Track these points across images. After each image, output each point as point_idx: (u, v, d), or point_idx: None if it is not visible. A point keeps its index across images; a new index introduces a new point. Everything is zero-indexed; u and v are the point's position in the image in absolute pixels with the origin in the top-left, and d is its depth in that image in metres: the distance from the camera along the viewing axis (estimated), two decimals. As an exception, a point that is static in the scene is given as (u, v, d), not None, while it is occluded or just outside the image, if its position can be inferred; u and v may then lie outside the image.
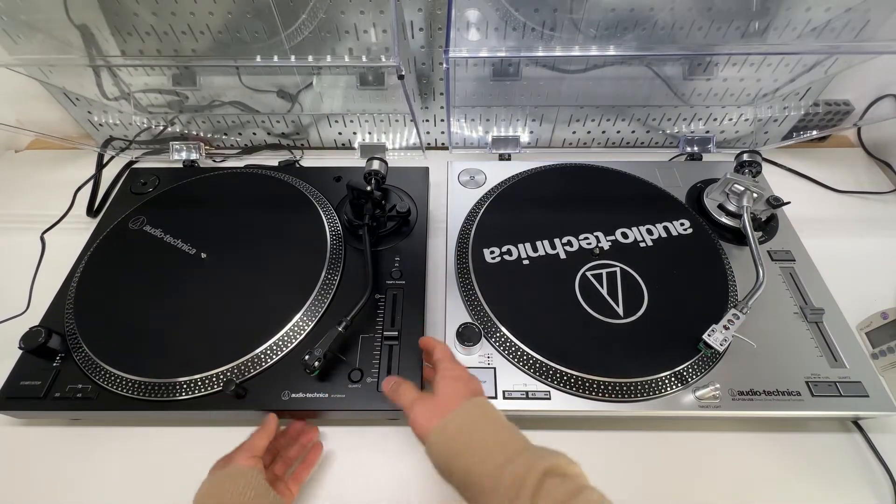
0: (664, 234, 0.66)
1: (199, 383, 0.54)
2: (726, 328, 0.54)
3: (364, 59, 0.72)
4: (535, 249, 0.64)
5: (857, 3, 0.65)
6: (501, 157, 0.83)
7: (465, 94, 0.80)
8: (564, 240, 0.65)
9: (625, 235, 0.66)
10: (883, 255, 0.73)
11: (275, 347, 0.56)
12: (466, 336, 0.55)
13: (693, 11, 0.67)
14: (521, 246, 0.64)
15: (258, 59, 0.64)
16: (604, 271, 0.62)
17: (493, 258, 0.63)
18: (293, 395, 0.54)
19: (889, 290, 0.69)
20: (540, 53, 0.70)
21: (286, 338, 0.57)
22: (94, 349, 0.57)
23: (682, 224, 0.67)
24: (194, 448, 0.56)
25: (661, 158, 0.85)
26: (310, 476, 0.53)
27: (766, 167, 0.76)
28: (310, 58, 0.67)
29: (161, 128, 0.87)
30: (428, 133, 0.91)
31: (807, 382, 0.53)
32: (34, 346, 0.55)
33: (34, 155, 0.94)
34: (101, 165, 0.84)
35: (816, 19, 0.67)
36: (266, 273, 0.63)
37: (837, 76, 0.78)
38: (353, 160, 0.85)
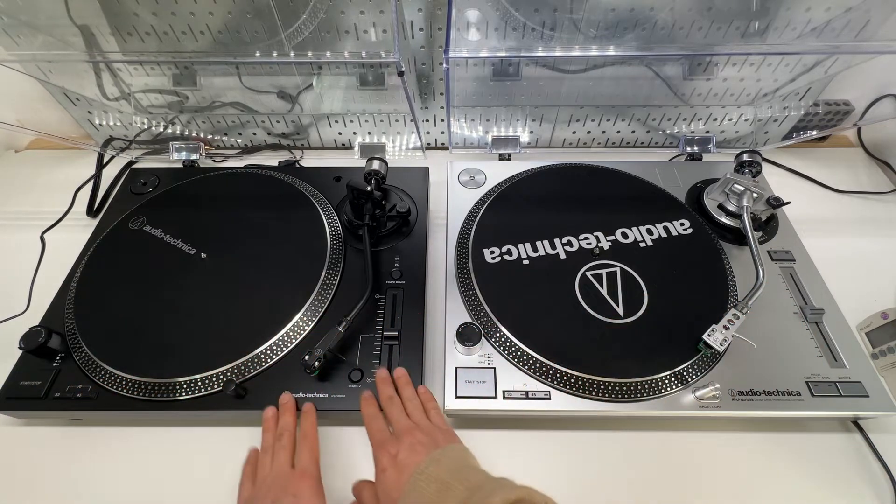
0: (664, 234, 0.66)
1: (199, 383, 0.54)
2: (726, 328, 0.54)
3: (364, 54, 0.72)
4: (535, 249, 0.64)
5: (857, 3, 0.65)
6: (501, 157, 0.83)
7: (465, 94, 0.80)
8: (564, 240, 0.65)
9: (625, 235, 0.66)
10: (883, 255, 0.73)
11: (275, 347, 0.56)
12: (466, 336, 0.55)
13: (693, 11, 0.67)
14: (521, 246, 0.64)
15: (257, 55, 0.64)
16: (604, 271, 0.62)
17: (493, 258, 0.63)
18: (293, 396, 0.54)
19: (889, 290, 0.69)
20: (540, 53, 0.70)
21: (286, 338, 0.57)
22: (94, 349, 0.57)
23: (682, 224, 0.67)
24: (194, 448, 0.56)
25: (661, 158, 0.85)
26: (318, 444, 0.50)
27: (766, 167, 0.76)
28: (309, 54, 0.67)
29: (161, 128, 0.87)
30: (428, 133, 0.91)
31: (807, 382, 0.53)
32: (34, 346, 0.55)
33: (34, 155, 0.94)
34: (101, 165, 0.84)
35: (816, 19, 0.67)
36: (266, 273, 0.63)
37: (837, 76, 0.78)
38: (353, 160, 0.85)
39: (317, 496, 0.45)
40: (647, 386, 0.53)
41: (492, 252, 0.64)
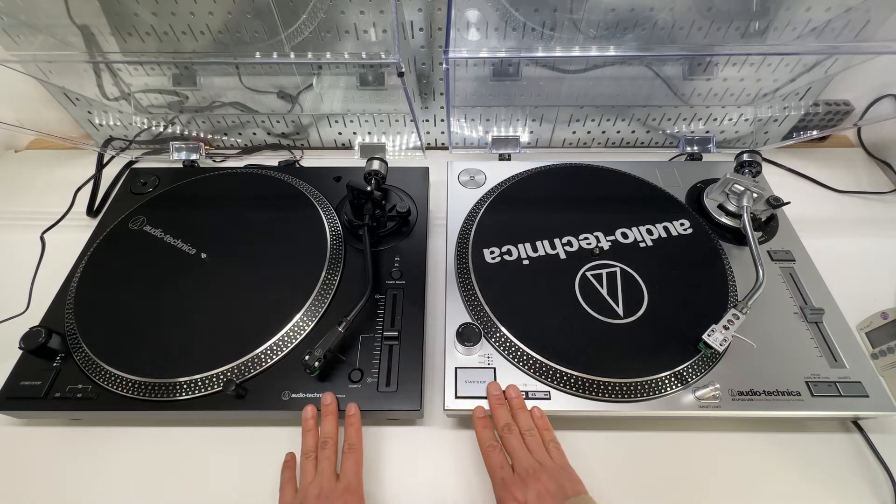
0: (664, 234, 0.66)
1: (199, 383, 0.54)
2: (726, 328, 0.54)
3: (364, 55, 0.72)
4: (535, 249, 0.64)
5: (857, 3, 0.65)
6: (501, 157, 0.83)
7: (465, 94, 0.80)
8: (564, 240, 0.65)
9: (625, 235, 0.66)
10: (883, 255, 0.73)
11: (275, 347, 0.56)
12: (466, 336, 0.55)
13: (693, 11, 0.67)
14: (521, 246, 0.64)
15: (257, 55, 0.64)
16: (604, 271, 0.62)
17: (493, 258, 0.63)
18: (293, 395, 0.54)
19: (889, 290, 0.69)
20: (540, 54, 0.70)
21: (286, 338, 0.57)
22: (94, 349, 0.57)
23: (682, 224, 0.67)
24: (194, 448, 0.56)
25: (661, 158, 0.85)
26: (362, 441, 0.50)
27: (766, 167, 0.76)
28: (309, 54, 0.67)
29: (161, 128, 0.87)
30: (428, 133, 0.91)
31: (807, 382, 0.53)
32: (34, 346, 0.55)
33: (34, 155, 0.94)
34: (101, 165, 0.84)
35: (816, 19, 0.67)
36: (266, 273, 0.63)
37: (837, 76, 0.78)
38: (353, 160, 0.85)
39: None
40: (647, 386, 0.53)
41: (492, 252, 0.64)
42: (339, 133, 0.90)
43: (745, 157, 0.71)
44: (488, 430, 0.50)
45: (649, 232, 0.66)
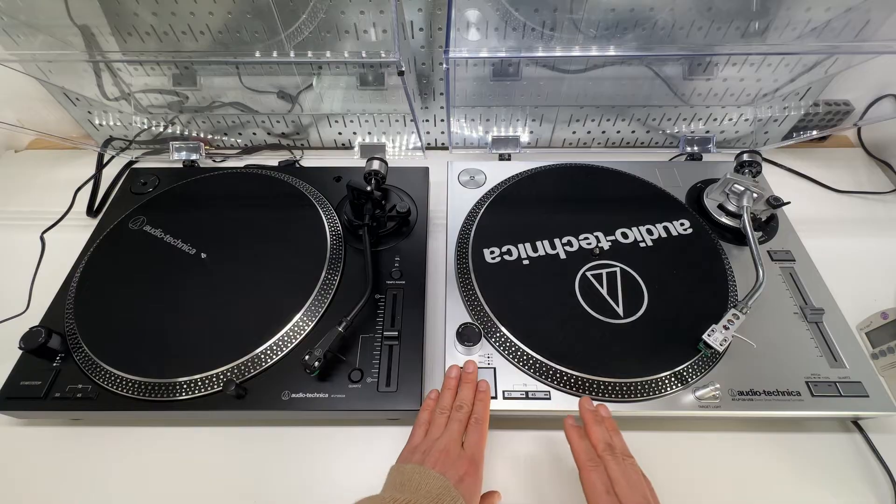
0: (664, 234, 0.66)
1: (199, 383, 0.54)
2: (726, 328, 0.54)
3: (364, 54, 0.72)
4: (535, 249, 0.64)
5: (857, 3, 0.65)
6: (501, 157, 0.83)
7: (465, 94, 0.80)
8: (564, 240, 0.65)
9: (625, 235, 0.66)
10: (883, 255, 0.73)
11: (275, 347, 0.56)
12: (466, 336, 0.55)
13: (693, 11, 0.67)
14: (521, 246, 0.64)
15: (257, 55, 0.64)
16: (604, 271, 0.62)
17: (493, 258, 0.63)
18: (293, 395, 0.54)
19: (889, 290, 0.69)
20: (540, 53, 0.70)
21: (286, 338, 0.57)
22: (94, 349, 0.57)
23: (682, 224, 0.67)
24: (194, 448, 0.56)
25: (661, 158, 0.85)
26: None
27: (766, 167, 0.76)
28: (309, 54, 0.67)
29: (161, 128, 0.87)
30: (428, 133, 0.91)
31: (807, 382, 0.53)
32: (34, 346, 0.55)
33: (34, 155, 0.94)
34: (101, 165, 0.85)
35: (816, 19, 0.67)
36: (266, 273, 0.63)
37: (837, 76, 0.78)
38: (353, 160, 0.85)
39: (478, 484, 0.45)
40: (647, 386, 0.53)
41: (492, 252, 0.64)
42: (339, 133, 0.90)
43: (745, 157, 0.71)
44: (585, 441, 0.46)
45: (649, 232, 0.66)
